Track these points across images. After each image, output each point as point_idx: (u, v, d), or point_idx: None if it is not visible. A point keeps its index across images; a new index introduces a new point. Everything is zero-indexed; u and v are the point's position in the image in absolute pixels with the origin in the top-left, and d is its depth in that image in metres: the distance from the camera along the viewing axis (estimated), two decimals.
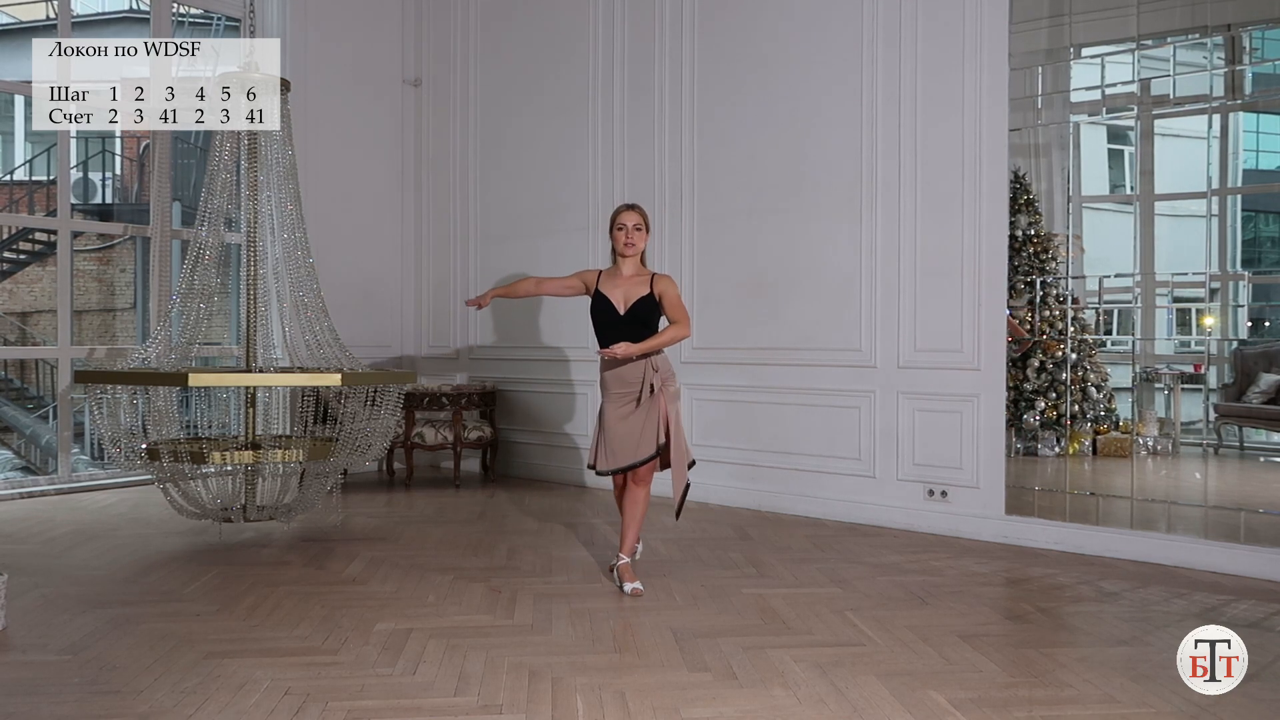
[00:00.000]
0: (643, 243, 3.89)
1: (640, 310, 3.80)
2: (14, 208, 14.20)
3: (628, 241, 3.85)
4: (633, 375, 3.80)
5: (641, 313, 3.80)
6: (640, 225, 3.87)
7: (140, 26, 13.78)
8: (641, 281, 3.87)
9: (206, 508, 4.55)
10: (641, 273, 3.91)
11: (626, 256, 3.88)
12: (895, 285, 5.19)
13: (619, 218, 3.89)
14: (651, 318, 3.83)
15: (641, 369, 3.79)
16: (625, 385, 3.82)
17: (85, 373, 4.50)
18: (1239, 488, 6.08)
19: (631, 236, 3.84)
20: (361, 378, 4.50)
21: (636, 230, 3.86)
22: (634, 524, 3.91)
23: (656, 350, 3.82)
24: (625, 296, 3.83)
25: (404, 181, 7.69)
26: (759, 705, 2.67)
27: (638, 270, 3.90)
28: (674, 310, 3.84)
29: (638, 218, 3.88)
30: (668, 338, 3.75)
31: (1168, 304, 7.41)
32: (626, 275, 3.88)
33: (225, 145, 4.76)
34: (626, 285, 3.85)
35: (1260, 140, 9.42)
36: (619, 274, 3.90)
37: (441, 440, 6.45)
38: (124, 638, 3.20)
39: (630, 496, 3.89)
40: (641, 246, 3.89)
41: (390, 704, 2.65)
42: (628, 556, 3.92)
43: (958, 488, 4.99)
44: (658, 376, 3.79)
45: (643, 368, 3.79)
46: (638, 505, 3.89)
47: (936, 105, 5.04)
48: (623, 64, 6.40)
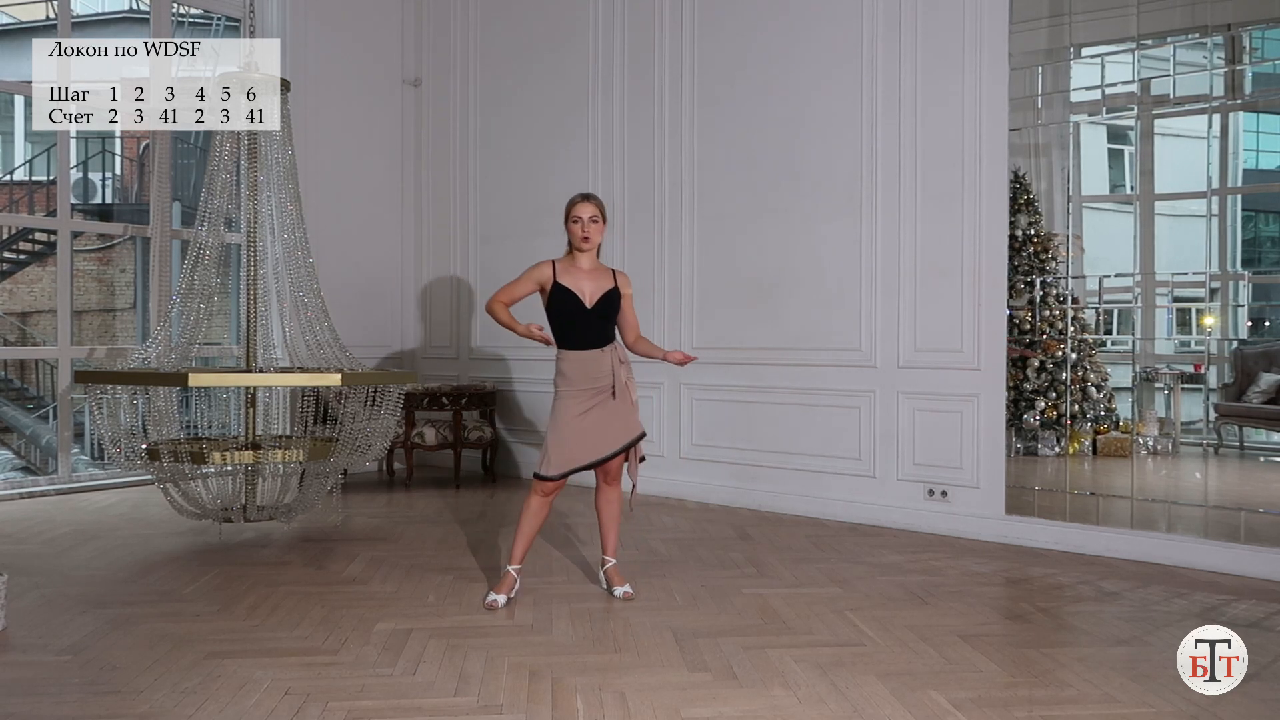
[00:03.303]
0: (599, 235, 3.71)
1: (606, 304, 3.69)
2: (14, 208, 14.20)
3: (584, 235, 3.66)
4: (601, 371, 3.67)
5: (607, 307, 3.70)
6: (597, 217, 3.69)
7: (140, 26, 13.78)
8: (604, 275, 3.75)
9: (207, 508, 4.55)
10: (600, 266, 3.78)
11: (584, 250, 3.71)
12: (895, 285, 5.19)
13: (574, 209, 3.69)
14: (614, 313, 3.74)
15: (609, 364, 3.68)
16: (592, 381, 3.67)
17: (85, 373, 4.49)
18: (1239, 488, 6.08)
19: (588, 229, 3.67)
20: (361, 378, 4.49)
21: (594, 222, 3.68)
22: (614, 524, 3.84)
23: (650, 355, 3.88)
24: (591, 289, 3.69)
25: (404, 182, 7.69)
26: (759, 705, 2.67)
27: (595, 264, 3.76)
28: (632, 313, 3.82)
29: (594, 209, 3.69)
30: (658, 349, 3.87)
31: (1168, 304, 7.41)
32: (586, 269, 3.72)
33: (225, 145, 4.76)
34: (590, 278, 3.71)
35: (1260, 140, 9.43)
36: (577, 266, 3.71)
37: (441, 440, 6.45)
38: (124, 638, 3.20)
39: (605, 497, 3.82)
40: (598, 239, 3.73)
41: (390, 704, 2.65)
42: (613, 558, 3.86)
43: (958, 488, 4.99)
44: (624, 369, 3.72)
45: (610, 363, 3.68)
46: (614, 505, 3.83)
47: (936, 105, 5.04)
48: (623, 64, 6.40)
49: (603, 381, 3.68)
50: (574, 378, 3.68)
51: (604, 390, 3.68)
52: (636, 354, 3.92)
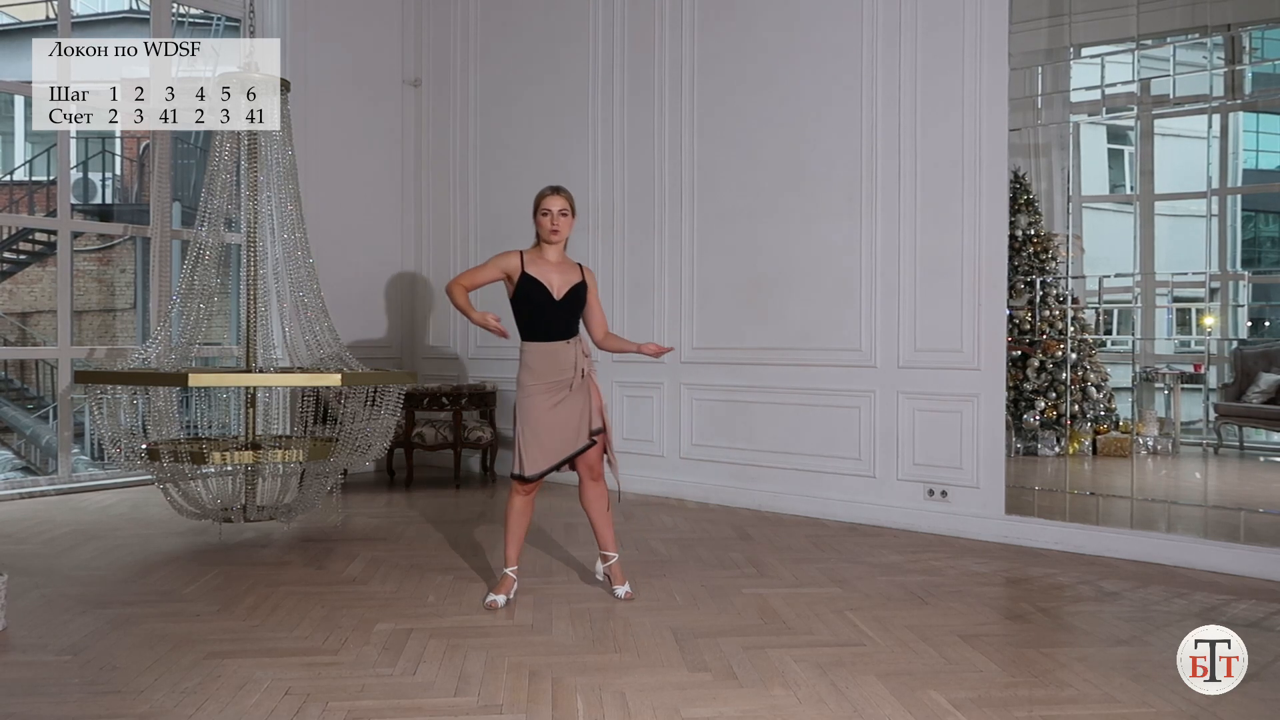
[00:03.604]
0: (568, 229, 3.71)
1: (574, 298, 3.70)
2: (14, 208, 14.20)
3: (553, 228, 3.66)
4: (566, 363, 3.66)
5: (575, 301, 3.70)
6: (566, 210, 3.69)
7: (140, 26, 13.78)
8: (571, 269, 3.75)
9: (207, 508, 4.55)
10: (567, 260, 3.78)
11: (552, 243, 3.70)
12: (895, 285, 5.19)
13: (544, 201, 3.68)
14: (580, 307, 3.75)
15: (574, 355, 3.68)
16: (558, 374, 3.65)
17: (85, 373, 4.50)
18: (1239, 487, 6.08)
19: (557, 223, 3.66)
20: (361, 378, 4.50)
21: (563, 216, 3.67)
22: (605, 521, 3.82)
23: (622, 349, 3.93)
24: (560, 282, 3.69)
25: (404, 182, 7.69)
26: (759, 705, 2.67)
27: (562, 257, 3.76)
28: (599, 309, 3.84)
29: (564, 202, 3.69)
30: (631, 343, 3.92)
31: (1168, 304, 7.42)
32: (554, 261, 3.72)
33: (225, 145, 4.76)
34: (557, 270, 3.71)
35: (1260, 140, 9.43)
36: (544, 259, 3.70)
37: (441, 440, 6.44)
38: (124, 638, 3.20)
39: (590, 494, 3.79)
40: (567, 233, 3.71)
41: (390, 704, 2.65)
42: (613, 553, 3.83)
43: (958, 488, 4.99)
44: (588, 361, 3.71)
45: (574, 354, 3.68)
46: (600, 501, 3.80)
47: (936, 105, 5.04)
48: (623, 64, 6.40)
49: (566, 374, 3.66)
50: (539, 370, 3.65)
51: (567, 384, 3.66)
52: (608, 350, 3.93)
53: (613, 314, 6.41)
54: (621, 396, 6.37)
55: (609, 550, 3.84)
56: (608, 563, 3.85)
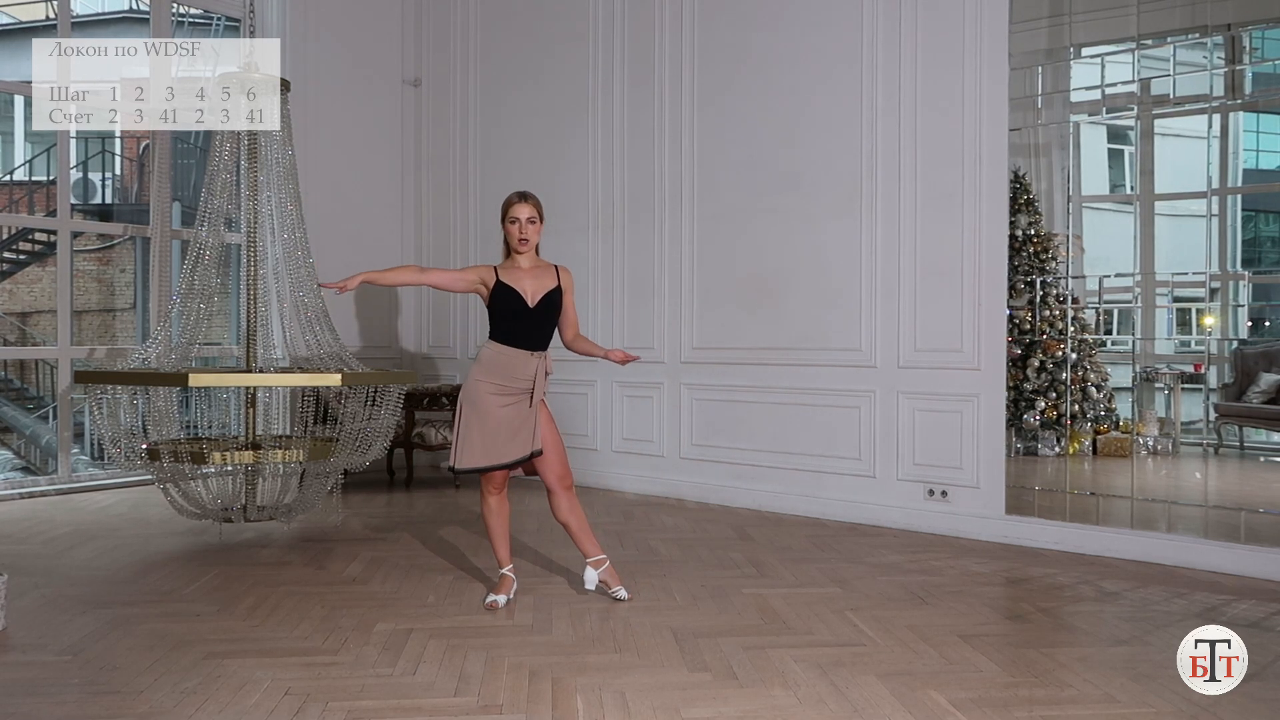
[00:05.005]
0: (536, 236, 3.62)
1: (549, 304, 3.64)
2: (14, 208, 14.19)
3: (521, 237, 3.58)
4: (524, 373, 3.58)
5: (550, 307, 3.64)
6: (535, 217, 3.60)
7: (140, 26, 13.77)
8: (545, 272, 3.68)
9: (207, 508, 4.55)
10: (540, 263, 3.70)
11: (521, 253, 3.62)
12: (895, 285, 5.19)
13: (511, 209, 3.59)
14: (555, 313, 3.68)
15: (535, 368, 3.58)
16: (511, 380, 3.57)
17: (85, 373, 4.50)
18: (1239, 487, 6.08)
19: (525, 231, 3.58)
20: (361, 378, 4.50)
21: (531, 223, 3.59)
22: (584, 529, 3.73)
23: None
24: (533, 289, 3.62)
25: (404, 182, 7.69)
26: (759, 705, 2.67)
27: (535, 261, 3.69)
28: (572, 310, 3.77)
29: (531, 209, 3.60)
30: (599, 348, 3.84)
31: (1168, 304, 7.42)
32: (526, 268, 3.65)
33: (225, 145, 4.76)
34: (531, 277, 3.64)
35: (1260, 140, 9.43)
36: (517, 266, 3.64)
37: (441, 440, 6.44)
38: (124, 638, 3.20)
39: (564, 506, 3.67)
40: (535, 241, 3.63)
41: (390, 704, 2.65)
42: (602, 554, 3.75)
43: (958, 487, 4.99)
44: (547, 382, 3.66)
45: (535, 367, 3.61)
46: (576, 510, 3.70)
47: (936, 104, 5.04)
48: (623, 63, 6.40)
49: (522, 385, 3.58)
50: (492, 369, 3.58)
51: (522, 394, 3.59)
52: (576, 352, 3.89)
53: (612, 314, 6.42)
54: (621, 396, 6.38)
55: (596, 554, 3.75)
56: (600, 568, 3.75)
